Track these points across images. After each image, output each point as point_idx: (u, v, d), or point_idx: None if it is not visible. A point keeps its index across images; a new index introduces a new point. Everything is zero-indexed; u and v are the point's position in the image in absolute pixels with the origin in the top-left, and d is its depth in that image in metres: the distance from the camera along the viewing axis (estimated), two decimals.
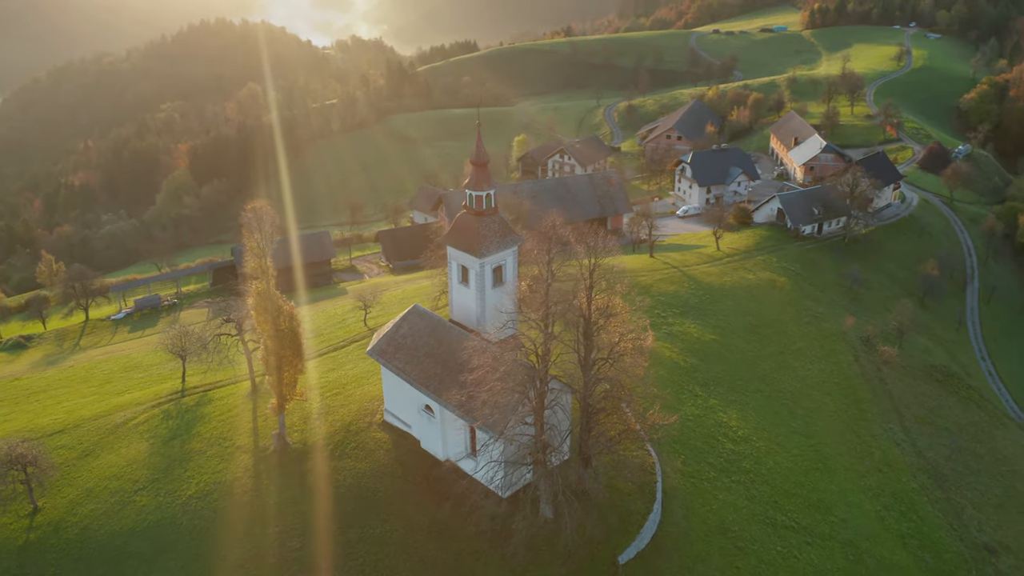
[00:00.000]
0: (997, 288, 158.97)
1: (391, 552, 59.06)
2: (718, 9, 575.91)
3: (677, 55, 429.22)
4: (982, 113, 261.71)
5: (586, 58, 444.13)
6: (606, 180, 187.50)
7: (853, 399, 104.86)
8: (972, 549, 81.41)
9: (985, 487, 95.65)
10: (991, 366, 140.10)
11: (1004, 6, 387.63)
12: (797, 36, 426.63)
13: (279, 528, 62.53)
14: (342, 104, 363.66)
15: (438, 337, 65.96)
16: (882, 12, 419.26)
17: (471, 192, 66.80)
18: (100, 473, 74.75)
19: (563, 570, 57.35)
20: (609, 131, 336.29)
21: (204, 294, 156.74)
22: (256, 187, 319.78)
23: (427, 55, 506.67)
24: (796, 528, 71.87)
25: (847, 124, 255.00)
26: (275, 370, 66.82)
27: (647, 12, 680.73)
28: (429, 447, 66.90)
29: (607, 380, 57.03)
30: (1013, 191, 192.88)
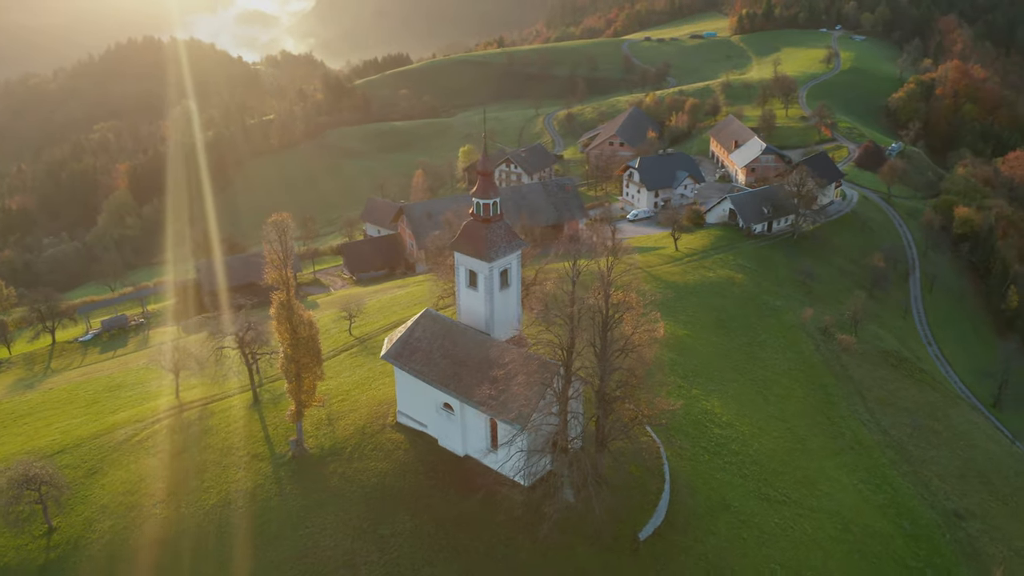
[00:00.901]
0: (938, 277, 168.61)
1: (425, 544, 61.89)
2: (646, 17, 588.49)
3: (611, 63, 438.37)
4: (910, 111, 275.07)
5: (522, 68, 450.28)
6: (561, 187, 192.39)
7: (819, 384, 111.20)
8: (943, 515, 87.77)
9: (946, 460, 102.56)
10: (938, 350, 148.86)
11: (926, 7, 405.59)
12: (727, 41, 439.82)
13: (311, 529, 64.72)
14: (280, 120, 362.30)
15: (453, 339, 69.13)
16: (808, 16, 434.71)
17: (478, 200, 70.15)
18: (112, 489, 75.54)
19: (589, 549, 61.06)
20: (550, 139, 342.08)
21: (171, 313, 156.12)
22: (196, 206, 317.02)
23: (361, 69, 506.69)
24: (787, 502, 76.96)
25: (783, 126, 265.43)
26: (295, 377, 69.02)
27: (575, 21, 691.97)
28: (448, 444, 69.90)
29: (622, 369, 60.99)
30: (946, 185, 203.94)
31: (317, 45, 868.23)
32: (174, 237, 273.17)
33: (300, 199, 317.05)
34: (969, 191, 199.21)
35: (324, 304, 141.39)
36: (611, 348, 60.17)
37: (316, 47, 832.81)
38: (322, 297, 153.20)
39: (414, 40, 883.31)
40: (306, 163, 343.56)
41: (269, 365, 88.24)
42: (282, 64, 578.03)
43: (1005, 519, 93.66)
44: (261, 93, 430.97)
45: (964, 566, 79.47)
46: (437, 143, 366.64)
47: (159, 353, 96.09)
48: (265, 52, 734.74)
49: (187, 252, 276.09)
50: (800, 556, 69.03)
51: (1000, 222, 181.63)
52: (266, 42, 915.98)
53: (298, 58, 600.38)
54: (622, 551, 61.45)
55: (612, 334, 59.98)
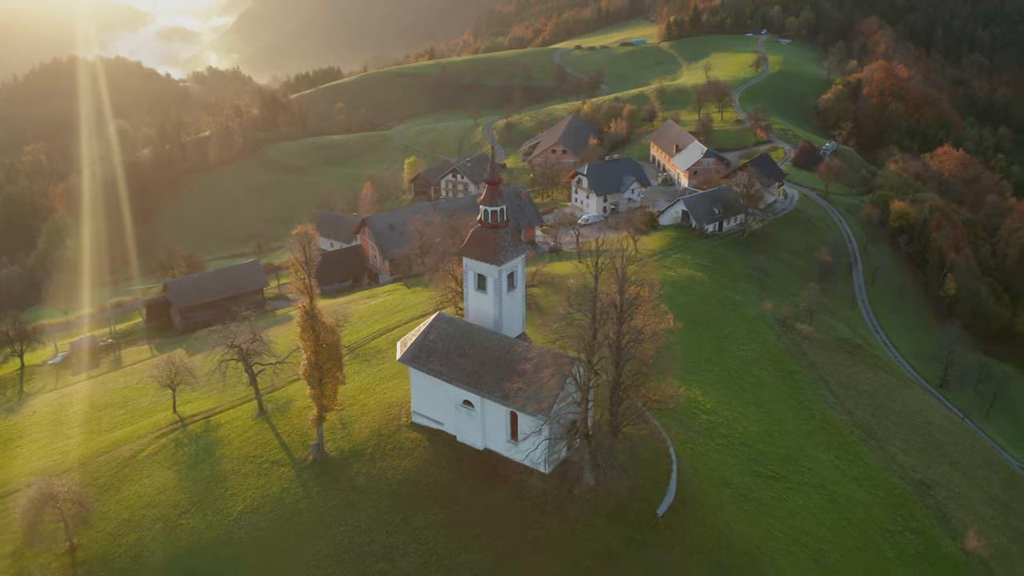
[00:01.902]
0: (879, 269, 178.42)
1: (458, 533, 65.33)
2: (574, 25, 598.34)
3: (545, 72, 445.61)
4: (839, 111, 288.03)
5: (456, 79, 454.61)
6: (516, 195, 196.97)
7: (786, 372, 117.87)
8: (912, 485, 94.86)
9: (907, 436, 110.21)
10: (885, 337, 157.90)
11: (848, 10, 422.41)
12: (656, 48, 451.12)
13: (345, 527, 67.52)
14: (217, 136, 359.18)
15: (469, 339, 72.83)
16: (734, 21, 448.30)
17: (486, 207, 74.14)
18: (131, 503, 76.85)
19: (613, 527, 65.46)
20: (491, 148, 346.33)
21: (139, 332, 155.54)
22: (139, 225, 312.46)
23: (293, 83, 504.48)
24: (777, 478, 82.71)
25: (720, 129, 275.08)
26: (317, 383, 71.76)
27: (502, 31, 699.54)
28: (467, 439, 73.45)
29: (635, 359, 65.55)
30: (880, 181, 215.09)
31: (241, 60, 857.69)
32: (120, 257, 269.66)
33: (244, 215, 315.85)
34: (902, 186, 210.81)
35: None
36: (625, 339, 64.67)
37: (240, 62, 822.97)
38: (294, 310, 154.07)
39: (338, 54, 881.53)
40: (247, 179, 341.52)
41: (275, 374, 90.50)
42: (209, 80, 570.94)
43: (967, 487, 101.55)
44: (194, 110, 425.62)
45: (938, 528, 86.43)
46: (376, 155, 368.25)
47: (156, 369, 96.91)
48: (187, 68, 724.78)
49: (135, 272, 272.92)
50: (797, 525, 74.71)
51: (934, 214, 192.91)
52: (188, 58, 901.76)
53: (225, 74, 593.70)
54: (643, 527, 66.01)
55: (626, 326, 64.48)
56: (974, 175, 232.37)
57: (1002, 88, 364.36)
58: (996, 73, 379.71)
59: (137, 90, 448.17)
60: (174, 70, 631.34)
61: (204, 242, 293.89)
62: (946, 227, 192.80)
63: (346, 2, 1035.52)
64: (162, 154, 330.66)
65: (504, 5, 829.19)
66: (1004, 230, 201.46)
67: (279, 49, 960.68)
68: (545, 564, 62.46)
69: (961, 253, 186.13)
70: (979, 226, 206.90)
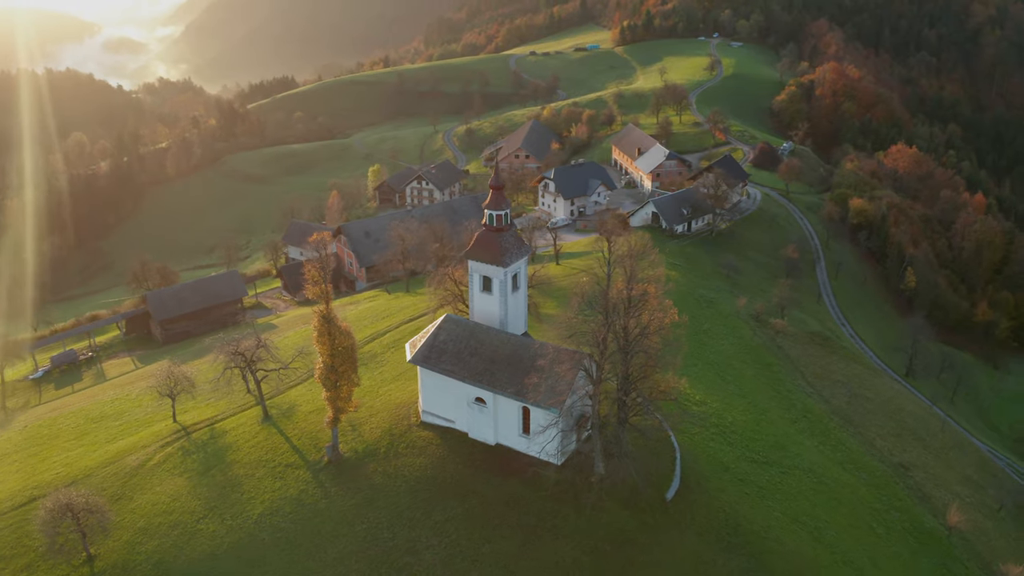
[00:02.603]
0: (842, 264, 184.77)
1: (479, 524, 67.85)
2: (526, 32, 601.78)
3: (501, 78, 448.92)
4: (794, 112, 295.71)
5: (413, 86, 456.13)
6: None
7: (764, 364, 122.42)
8: (891, 467, 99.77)
9: (882, 422, 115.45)
10: (851, 330, 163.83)
11: (798, 13, 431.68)
12: (611, 53, 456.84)
13: (367, 524, 69.56)
14: (175, 148, 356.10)
15: (479, 338, 75.45)
16: (686, 25, 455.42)
17: (491, 211, 76.95)
18: (145, 512, 77.54)
19: (626, 512, 68.63)
20: (452, 155, 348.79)
21: (119, 344, 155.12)
22: (99, 238, 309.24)
23: (247, 93, 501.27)
24: (769, 463, 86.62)
25: (679, 132, 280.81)
26: (333, 386, 73.75)
27: (453, 38, 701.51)
28: (478, 435, 75.99)
29: (642, 352, 68.82)
30: (837, 179, 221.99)
31: (189, 71, 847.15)
32: (85, 271, 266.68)
33: (207, 226, 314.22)
34: (859, 184, 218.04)
35: (284, 324, 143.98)
36: (634, 333, 67.93)
37: (189, 72, 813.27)
38: (276, 319, 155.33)
39: (288, 63, 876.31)
40: (207, 190, 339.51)
41: (280, 379, 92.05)
42: (161, 91, 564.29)
43: (941, 469, 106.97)
44: (149, 121, 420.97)
45: (920, 507, 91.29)
46: (338, 164, 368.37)
47: (155, 379, 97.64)
48: (135, 80, 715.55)
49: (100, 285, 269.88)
50: (793, 506, 78.63)
51: (891, 211, 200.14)
52: (135, 69, 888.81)
53: (177, 84, 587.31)
54: (654, 511, 69.33)
55: (634, 321, 67.74)
56: (928, 172, 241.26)
57: (949, 86, 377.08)
58: (943, 71, 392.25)
59: (89, 102, 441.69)
60: (122, 81, 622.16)
61: (167, 254, 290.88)
62: (903, 223, 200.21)
63: (294, 11, 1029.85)
64: (120, 167, 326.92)
65: (455, 12, 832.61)
66: (959, 224, 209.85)
67: (228, 59, 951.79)
68: (566, 550, 65.33)
69: (919, 247, 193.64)
70: (935, 221, 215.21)
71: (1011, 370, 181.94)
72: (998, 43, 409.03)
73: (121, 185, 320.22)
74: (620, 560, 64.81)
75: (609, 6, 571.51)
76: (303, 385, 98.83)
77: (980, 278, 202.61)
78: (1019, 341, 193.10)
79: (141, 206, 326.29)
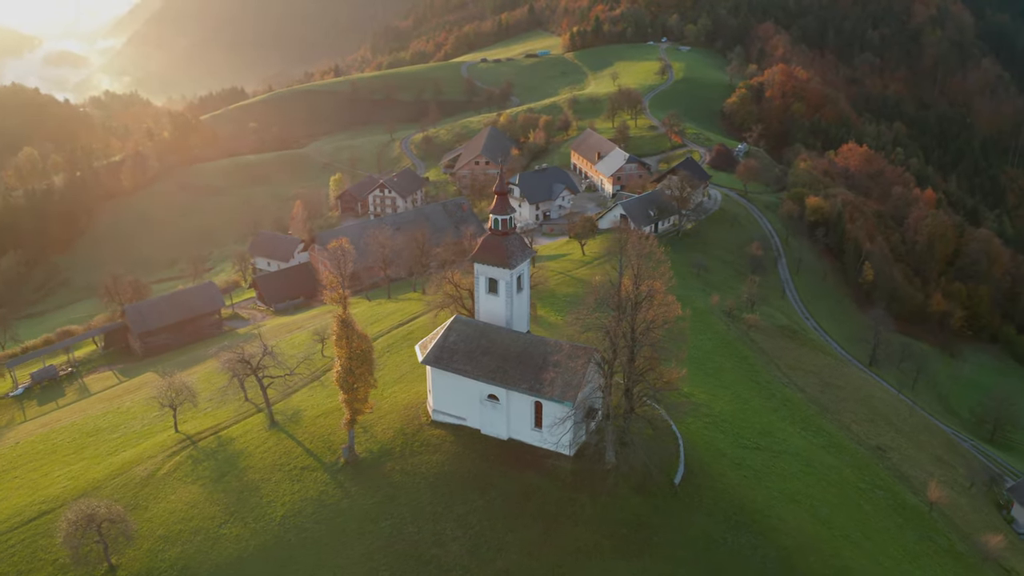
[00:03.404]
0: (803, 261, 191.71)
1: (500, 515, 70.92)
2: (475, 39, 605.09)
3: (454, 86, 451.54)
4: (745, 114, 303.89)
5: (367, 95, 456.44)
6: (459, 207, 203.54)
7: (741, 357, 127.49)
8: (870, 450, 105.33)
9: (855, 409, 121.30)
10: (815, 323, 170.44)
11: (744, 16, 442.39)
12: (562, 59, 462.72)
13: (391, 520, 72.11)
14: (130, 160, 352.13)
15: (489, 338, 78.62)
16: (635, 30, 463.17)
17: (496, 216, 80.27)
18: (164, 520, 78.50)
19: (638, 497, 72.41)
20: (411, 163, 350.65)
21: (98, 359, 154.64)
22: (56, 253, 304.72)
23: (198, 104, 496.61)
24: (760, 448, 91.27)
25: (636, 136, 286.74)
26: (350, 388, 76.21)
27: (401, 46, 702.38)
28: (491, 431, 79.09)
29: (648, 346, 72.71)
30: (792, 179, 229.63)
31: (134, 83, 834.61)
32: (46, 286, 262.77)
33: (166, 239, 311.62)
34: (813, 182, 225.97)
35: (267, 333, 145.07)
36: (640, 328, 71.78)
37: (133, 85, 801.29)
38: (256, 328, 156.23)
39: (234, 73, 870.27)
40: (165, 202, 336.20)
41: (287, 386, 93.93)
42: (108, 104, 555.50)
43: (913, 450, 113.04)
44: (99, 135, 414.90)
45: (900, 485, 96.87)
46: (295, 173, 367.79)
47: (157, 390, 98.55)
48: (78, 93, 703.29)
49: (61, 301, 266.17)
50: (788, 487, 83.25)
51: (846, 208, 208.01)
52: (77, 83, 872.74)
53: (124, 97, 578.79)
54: (664, 495, 73.25)
55: (641, 316, 71.61)
56: (878, 169, 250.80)
57: (893, 85, 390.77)
58: (887, 71, 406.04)
59: (37, 117, 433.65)
60: (65, 95, 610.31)
61: (127, 268, 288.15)
62: (859, 219, 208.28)
63: (238, 22, 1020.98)
64: (74, 181, 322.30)
65: (401, 20, 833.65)
66: (912, 219, 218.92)
67: (172, 70, 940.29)
68: (586, 535, 68.81)
69: (875, 242, 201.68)
70: (887, 217, 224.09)
71: (966, 358, 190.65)
72: (939, 43, 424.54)
73: (76, 199, 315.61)
74: (638, 542, 68.51)
75: (557, 13, 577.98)
76: (303, 391, 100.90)
77: (933, 270, 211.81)
78: (973, 330, 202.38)
79: (97, 220, 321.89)
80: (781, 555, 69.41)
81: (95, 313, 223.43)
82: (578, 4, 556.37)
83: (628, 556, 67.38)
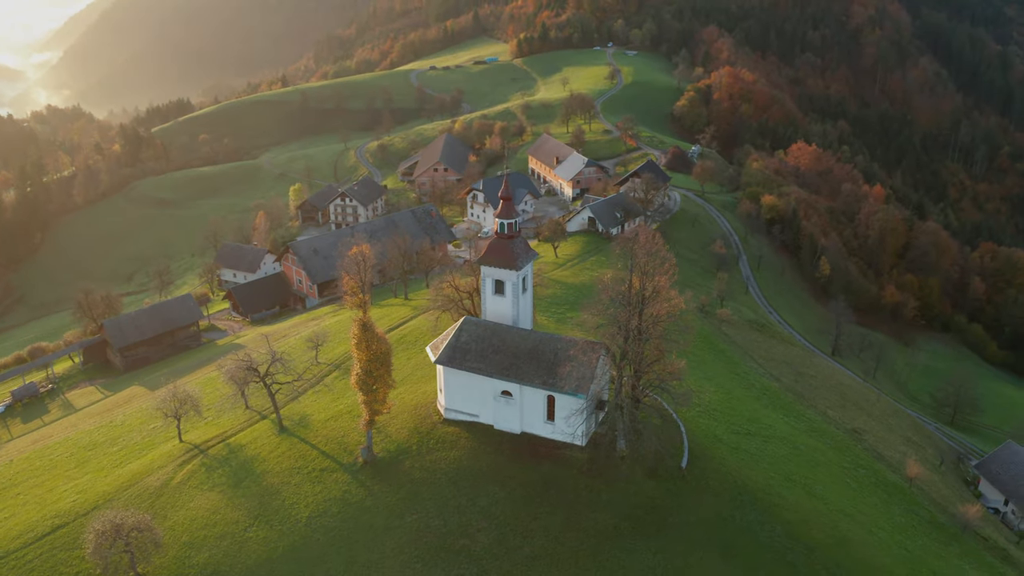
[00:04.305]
0: (762, 257, 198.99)
1: (522, 504, 74.49)
2: (420, 46, 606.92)
3: (405, 94, 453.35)
4: (694, 117, 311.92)
5: (318, 104, 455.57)
6: (427, 213, 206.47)
7: (719, 350, 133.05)
8: (847, 433, 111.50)
9: (828, 396, 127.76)
10: (779, 317, 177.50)
11: (688, 20, 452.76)
12: (511, 65, 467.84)
13: (417, 514, 75.16)
14: (82, 175, 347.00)
15: (500, 337, 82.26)
16: (582, 36, 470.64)
17: (502, 220, 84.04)
18: (187, 527, 79.88)
19: (650, 481, 76.80)
20: (367, 171, 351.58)
21: (78, 374, 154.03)
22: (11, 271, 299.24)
23: (145, 117, 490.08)
24: (751, 434, 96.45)
25: (591, 140, 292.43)
26: (369, 390, 79.12)
27: (345, 55, 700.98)
28: (504, 426, 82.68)
29: (654, 339, 77.16)
30: (746, 178, 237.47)
31: (73, 96, 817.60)
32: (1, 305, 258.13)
33: (121, 253, 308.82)
34: (765, 181, 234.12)
35: (250, 343, 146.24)
36: (646, 322, 76.23)
37: (72, 99, 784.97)
38: (237, 338, 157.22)
39: (176, 84, 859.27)
40: (119, 217, 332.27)
41: (297, 392, 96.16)
42: (50, 119, 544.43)
43: (885, 433, 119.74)
44: (45, 150, 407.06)
45: (879, 464, 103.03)
46: (250, 184, 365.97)
47: (161, 400, 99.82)
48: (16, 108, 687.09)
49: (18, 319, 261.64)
50: (783, 468, 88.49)
51: (800, 205, 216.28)
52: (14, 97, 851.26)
53: (66, 111, 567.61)
54: (674, 479, 77.80)
55: (648, 311, 76.08)
56: (827, 167, 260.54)
57: (835, 85, 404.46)
58: (828, 71, 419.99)
59: None
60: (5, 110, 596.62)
61: (84, 283, 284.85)
62: (812, 216, 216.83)
63: (177, 32, 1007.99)
64: (25, 197, 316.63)
65: (343, 29, 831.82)
66: (863, 215, 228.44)
67: (112, 83, 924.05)
68: (606, 519, 72.90)
69: (829, 238, 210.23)
70: (839, 213, 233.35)
71: (920, 346, 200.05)
72: (878, 42, 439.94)
73: (28, 216, 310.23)
74: (654, 523, 72.87)
75: (502, 19, 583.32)
76: (303, 397, 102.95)
77: (885, 263, 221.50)
78: (926, 320, 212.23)
79: (50, 237, 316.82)
80: (786, 529, 74.44)
81: (60, 329, 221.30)
82: (523, 11, 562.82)
83: (647, 536, 71.67)
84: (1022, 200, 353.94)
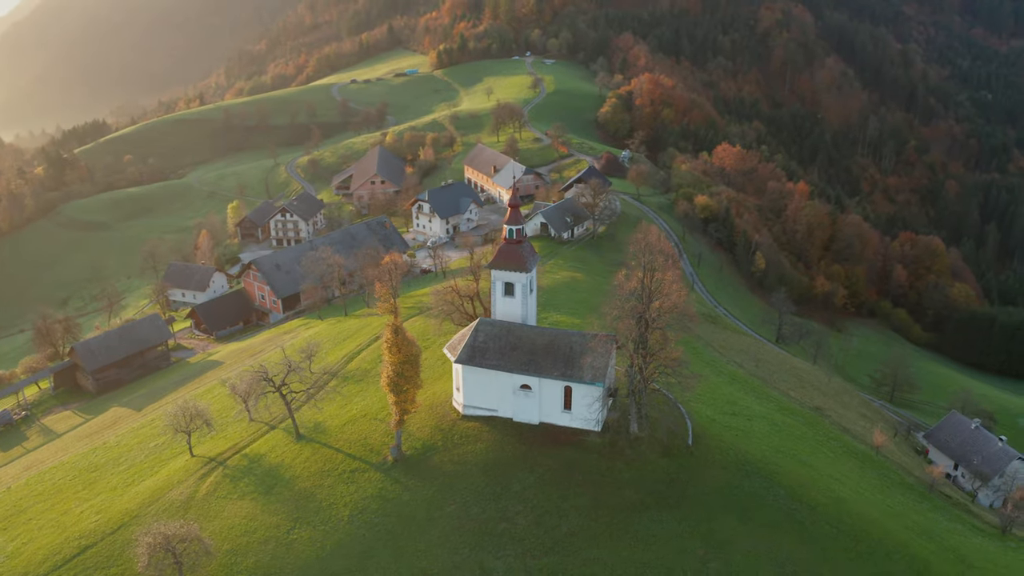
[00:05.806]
0: (702, 255, 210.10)
1: (552, 487, 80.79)
2: (336, 60, 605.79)
3: (328, 108, 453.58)
4: (618, 123, 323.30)
5: (241, 121, 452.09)
6: (382, 225, 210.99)
7: (683, 341, 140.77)
8: (812, 410, 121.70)
9: (786, 379, 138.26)
10: (724, 310, 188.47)
11: (602, 29, 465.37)
12: (431, 77, 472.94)
13: (455, 504, 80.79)
14: (4, 200, 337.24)
15: (516, 335, 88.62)
16: (500, 46, 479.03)
17: (511, 227, 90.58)
18: (225, 536, 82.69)
19: (662, 459, 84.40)
20: (300, 186, 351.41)
21: (50, 400, 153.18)
22: None
23: (62, 140, 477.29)
24: (736, 414, 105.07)
25: (524, 148, 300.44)
26: (400, 391, 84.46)
27: (258, 71, 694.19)
28: (523, 418, 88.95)
29: (659, 329, 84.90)
30: (676, 180, 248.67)
31: None
32: None
33: (52, 278, 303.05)
34: (695, 183, 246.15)
35: (227, 357, 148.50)
36: (653, 314, 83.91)
37: None
38: (209, 356, 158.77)
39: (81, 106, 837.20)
40: (46, 241, 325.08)
41: (315, 403, 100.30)
42: None
43: (842, 409, 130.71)
44: None
45: (845, 436, 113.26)
46: (180, 204, 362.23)
47: (171, 416, 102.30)
48: None
49: None
50: (771, 442, 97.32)
51: (732, 204, 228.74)
52: None
53: None
54: (682, 455, 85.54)
55: (654, 304, 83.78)
56: (752, 167, 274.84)
57: (747, 87, 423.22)
58: (740, 74, 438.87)
59: None
60: None
61: (16, 310, 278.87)
62: (744, 213, 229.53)
63: (81, 53, 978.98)
64: None
65: (253, 44, 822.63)
66: (790, 211, 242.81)
67: (16, 105, 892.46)
68: (630, 495, 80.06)
69: (761, 234, 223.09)
70: (767, 210, 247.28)
71: (851, 332, 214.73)
72: (786, 44, 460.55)
73: None
74: (675, 496, 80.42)
75: (417, 31, 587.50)
76: (307, 405, 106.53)
77: (814, 256, 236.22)
78: (854, 306, 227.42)
79: None
80: (789, 492, 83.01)
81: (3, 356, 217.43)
82: (439, 22, 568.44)
83: (670, 508, 79.14)
84: (930, 191, 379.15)
